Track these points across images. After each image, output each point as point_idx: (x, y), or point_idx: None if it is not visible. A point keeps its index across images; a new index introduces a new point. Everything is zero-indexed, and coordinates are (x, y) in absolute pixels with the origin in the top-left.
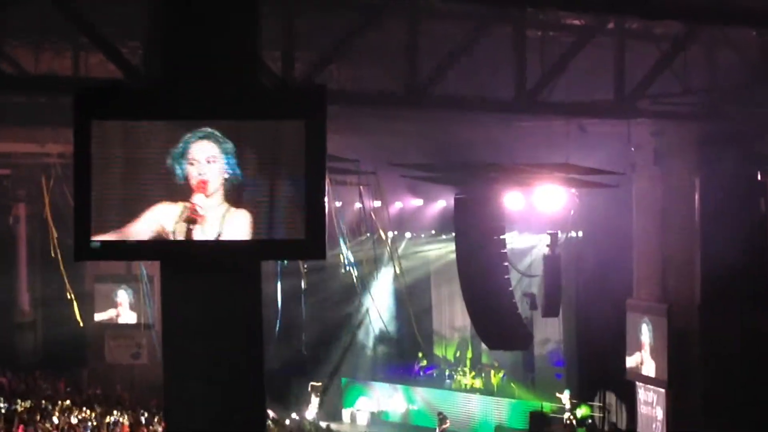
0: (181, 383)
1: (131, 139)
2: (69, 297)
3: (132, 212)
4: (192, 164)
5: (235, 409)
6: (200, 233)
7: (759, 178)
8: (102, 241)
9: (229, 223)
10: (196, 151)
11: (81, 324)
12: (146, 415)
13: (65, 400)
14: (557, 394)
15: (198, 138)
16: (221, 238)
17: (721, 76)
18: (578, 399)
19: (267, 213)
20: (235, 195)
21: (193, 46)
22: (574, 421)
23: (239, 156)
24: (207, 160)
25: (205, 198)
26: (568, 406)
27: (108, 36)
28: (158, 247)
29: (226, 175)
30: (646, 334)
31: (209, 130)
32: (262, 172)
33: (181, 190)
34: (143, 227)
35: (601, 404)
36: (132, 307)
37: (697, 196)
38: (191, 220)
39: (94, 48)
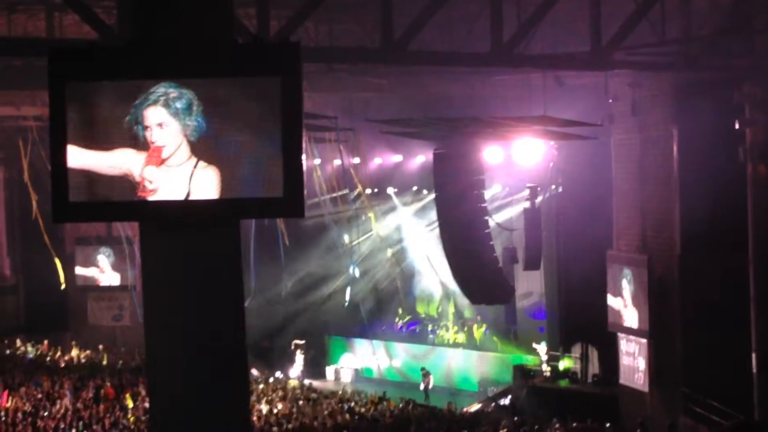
0: (162, 343)
1: (100, 98)
2: (52, 260)
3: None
4: (147, 128)
5: (216, 367)
6: (170, 193)
7: (737, 127)
8: (80, 202)
9: (200, 182)
10: (148, 116)
11: (64, 286)
12: (129, 376)
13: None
14: (534, 345)
15: (149, 104)
16: (193, 198)
17: (696, 25)
18: (555, 351)
19: (243, 171)
20: (205, 154)
21: (166, 3)
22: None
23: (212, 114)
24: (159, 124)
25: (168, 160)
26: (545, 358)
27: None
28: (136, 208)
29: (189, 135)
30: (626, 285)
31: (161, 91)
32: (236, 130)
33: (143, 146)
34: (110, 165)
35: (583, 356)
36: (114, 269)
37: (675, 147)
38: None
39: (68, 9)
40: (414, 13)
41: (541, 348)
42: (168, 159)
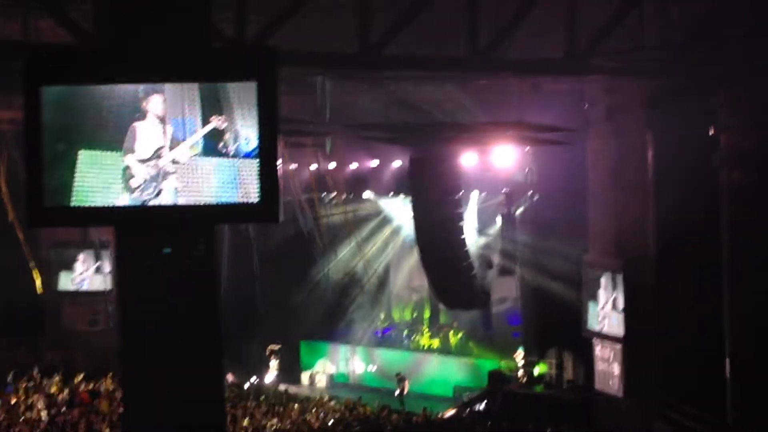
0: (136, 347)
1: (77, 102)
2: (28, 264)
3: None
4: (123, 132)
5: (192, 372)
6: (146, 198)
7: (711, 133)
8: (55, 207)
9: (176, 188)
10: (125, 120)
11: (41, 291)
12: (105, 381)
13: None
14: (514, 354)
15: (125, 108)
16: (168, 203)
17: (673, 32)
18: (530, 356)
19: (220, 176)
20: (182, 158)
21: (142, 8)
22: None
23: (189, 120)
24: (135, 129)
25: (144, 164)
26: (521, 363)
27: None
28: (111, 213)
29: (166, 139)
30: (602, 290)
31: (138, 95)
32: (213, 135)
33: (119, 150)
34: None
35: (558, 361)
36: (89, 274)
37: (650, 152)
38: (130, 187)
39: (44, 13)
40: (392, 18)
41: (518, 354)
42: (144, 163)
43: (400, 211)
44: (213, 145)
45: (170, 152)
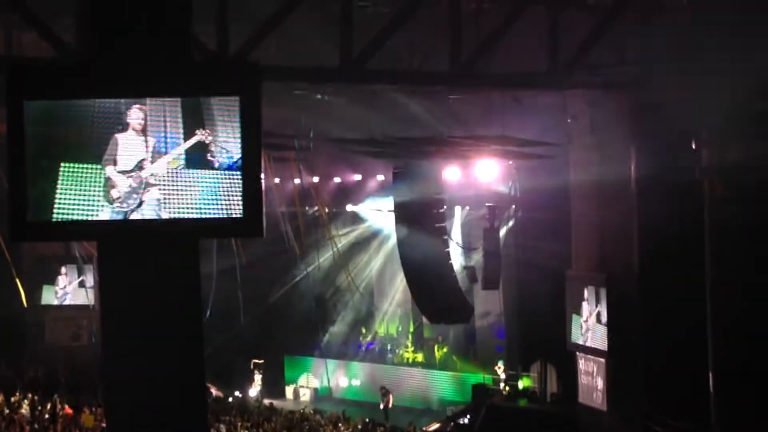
0: (119, 362)
1: (60, 114)
2: (12, 278)
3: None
4: (105, 146)
5: (174, 387)
6: (130, 213)
7: (693, 146)
8: (37, 221)
9: (159, 202)
10: (106, 134)
11: (25, 305)
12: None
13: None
14: (495, 366)
15: (108, 121)
16: (152, 218)
17: (654, 45)
18: (514, 370)
19: (202, 190)
20: (165, 173)
21: (123, 22)
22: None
23: (170, 137)
24: (118, 143)
25: (125, 175)
26: (503, 376)
27: (40, 13)
28: (94, 227)
29: (149, 154)
30: (585, 303)
31: (120, 109)
32: (195, 150)
33: (102, 164)
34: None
35: (541, 375)
36: (72, 288)
37: (632, 166)
38: (110, 198)
39: (27, 26)
40: (374, 33)
41: (499, 367)
42: (125, 175)
43: (383, 224)
44: (196, 159)
45: (152, 165)
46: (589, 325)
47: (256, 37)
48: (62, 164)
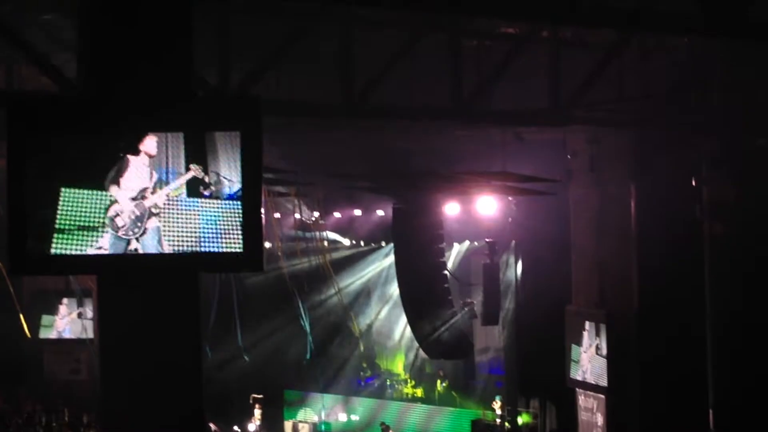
0: (118, 396)
1: (63, 152)
2: (15, 311)
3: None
4: (106, 180)
5: (173, 421)
6: (129, 246)
7: (693, 183)
8: (36, 254)
9: (159, 236)
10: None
11: (29, 336)
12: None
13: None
14: (492, 403)
15: (108, 156)
16: (151, 252)
17: (654, 82)
18: (511, 405)
19: (203, 222)
20: (164, 207)
21: (125, 57)
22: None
23: (172, 169)
24: (118, 177)
25: (130, 202)
26: (499, 412)
27: (41, 48)
28: (94, 261)
29: (155, 183)
30: (585, 340)
31: (120, 144)
32: (196, 185)
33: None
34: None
35: (541, 411)
36: (71, 320)
37: (632, 203)
38: (115, 224)
39: (28, 61)
40: (375, 68)
41: (496, 403)
42: (130, 202)
43: (384, 260)
44: (196, 191)
45: (153, 195)
46: (589, 361)
47: (257, 72)
48: (62, 189)
